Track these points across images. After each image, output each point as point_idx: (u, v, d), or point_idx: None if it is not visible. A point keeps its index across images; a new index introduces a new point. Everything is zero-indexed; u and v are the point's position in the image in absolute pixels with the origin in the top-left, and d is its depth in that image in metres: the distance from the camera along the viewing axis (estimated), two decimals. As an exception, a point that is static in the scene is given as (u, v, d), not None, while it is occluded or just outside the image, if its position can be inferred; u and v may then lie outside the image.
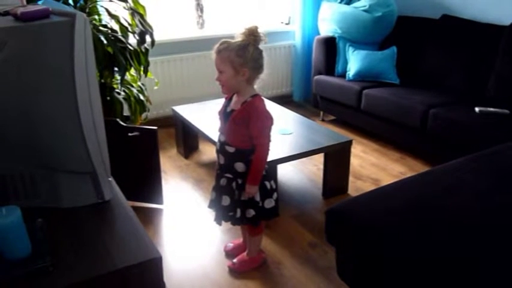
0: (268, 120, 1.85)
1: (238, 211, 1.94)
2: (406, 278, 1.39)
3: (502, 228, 1.51)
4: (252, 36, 1.76)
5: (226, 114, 1.90)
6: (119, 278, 0.95)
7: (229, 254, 2.20)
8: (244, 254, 2.14)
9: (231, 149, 1.88)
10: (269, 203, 1.96)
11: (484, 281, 1.30)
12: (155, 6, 3.60)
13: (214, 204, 2.01)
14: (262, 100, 1.88)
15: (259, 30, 1.77)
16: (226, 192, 1.94)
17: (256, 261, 2.13)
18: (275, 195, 1.99)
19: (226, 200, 1.94)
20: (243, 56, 1.74)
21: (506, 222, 1.54)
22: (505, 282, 1.29)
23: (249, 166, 1.87)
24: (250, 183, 1.88)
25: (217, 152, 1.96)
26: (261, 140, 1.85)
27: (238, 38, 1.77)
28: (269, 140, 1.87)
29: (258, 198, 1.92)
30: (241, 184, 1.90)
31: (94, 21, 2.60)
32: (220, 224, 2.04)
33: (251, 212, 1.92)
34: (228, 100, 1.93)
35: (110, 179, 1.20)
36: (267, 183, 1.95)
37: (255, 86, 1.86)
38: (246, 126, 1.83)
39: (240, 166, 1.88)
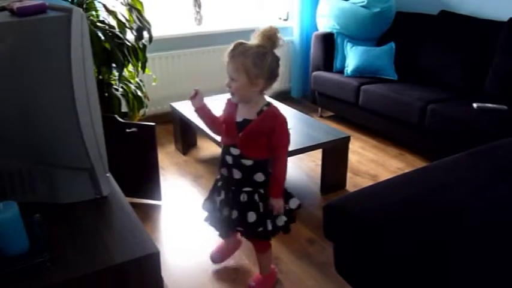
0: (287, 127, 1.74)
1: (269, 223, 1.77)
2: (404, 272, 1.39)
3: (500, 223, 1.51)
4: (270, 40, 1.58)
5: (239, 125, 1.71)
6: (116, 273, 0.95)
7: (218, 260, 2.11)
8: (258, 274, 1.99)
9: (248, 162, 1.71)
10: (294, 203, 1.85)
11: (483, 277, 1.30)
12: (153, 2, 3.59)
13: (218, 220, 1.87)
14: (278, 108, 1.74)
15: (278, 34, 1.60)
16: (250, 207, 1.75)
17: (273, 276, 2.00)
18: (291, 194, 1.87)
19: (252, 217, 1.74)
20: (260, 65, 1.58)
21: (504, 217, 1.55)
22: (505, 279, 1.29)
23: (268, 175, 1.74)
24: (276, 197, 1.74)
25: (229, 166, 1.75)
26: (283, 150, 1.74)
27: (254, 41, 1.60)
28: (288, 149, 1.78)
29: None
30: (264, 194, 1.76)
31: (91, 17, 2.59)
32: (227, 237, 2.01)
33: (283, 219, 1.80)
34: (232, 106, 1.74)
35: (107, 174, 1.20)
36: (285, 185, 1.82)
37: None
38: (266, 137, 1.69)
39: (259, 176, 1.74)
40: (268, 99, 1.77)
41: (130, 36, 2.60)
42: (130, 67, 2.70)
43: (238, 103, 1.72)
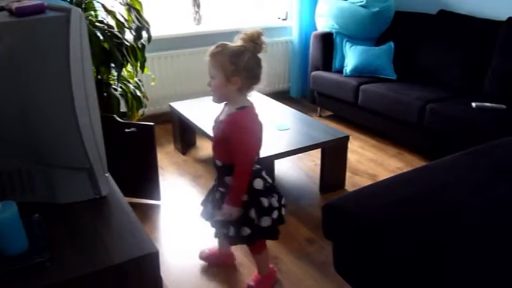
0: (249, 136, 1.68)
1: (232, 229, 1.76)
2: (403, 272, 1.39)
3: (499, 223, 1.52)
4: (252, 42, 1.60)
5: (217, 124, 1.75)
6: (115, 273, 0.95)
7: (205, 259, 2.12)
8: (256, 273, 1.98)
9: (219, 163, 1.75)
10: (265, 222, 1.74)
11: (482, 277, 1.30)
12: (152, 2, 3.59)
13: (209, 217, 1.89)
14: (250, 113, 1.69)
15: (262, 37, 1.61)
16: (220, 207, 1.77)
17: (272, 276, 2.00)
18: (275, 213, 1.77)
19: (218, 215, 1.80)
20: (236, 63, 1.59)
21: (503, 217, 1.55)
22: (504, 279, 1.29)
23: None
24: (226, 203, 1.71)
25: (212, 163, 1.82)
26: (239, 158, 1.66)
27: (237, 43, 1.63)
28: (250, 159, 1.70)
29: (253, 215, 1.73)
30: None
31: (90, 17, 2.59)
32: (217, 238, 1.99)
33: (246, 230, 1.75)
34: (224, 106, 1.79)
35: (106, 174, 1.20)
36: (264, 200, 1.74)
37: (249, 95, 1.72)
38: (227, 141, 1.67)
39: (230, 180, 1.73)
40: (253, 100, 1.73)
41: (129, 36, 2.60)
42: (129, 67, 2.70)
43: (217, 102, 1.74)
